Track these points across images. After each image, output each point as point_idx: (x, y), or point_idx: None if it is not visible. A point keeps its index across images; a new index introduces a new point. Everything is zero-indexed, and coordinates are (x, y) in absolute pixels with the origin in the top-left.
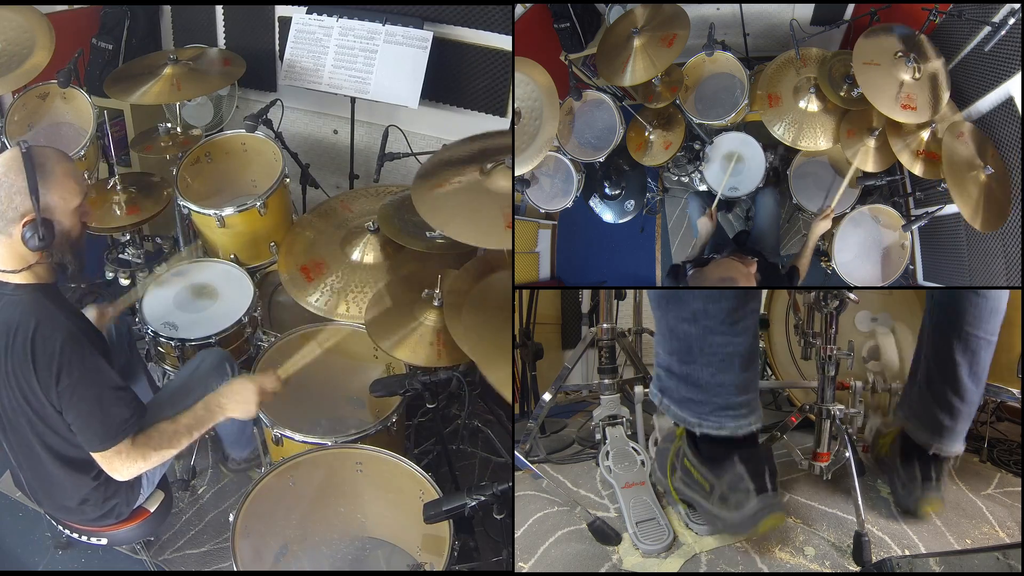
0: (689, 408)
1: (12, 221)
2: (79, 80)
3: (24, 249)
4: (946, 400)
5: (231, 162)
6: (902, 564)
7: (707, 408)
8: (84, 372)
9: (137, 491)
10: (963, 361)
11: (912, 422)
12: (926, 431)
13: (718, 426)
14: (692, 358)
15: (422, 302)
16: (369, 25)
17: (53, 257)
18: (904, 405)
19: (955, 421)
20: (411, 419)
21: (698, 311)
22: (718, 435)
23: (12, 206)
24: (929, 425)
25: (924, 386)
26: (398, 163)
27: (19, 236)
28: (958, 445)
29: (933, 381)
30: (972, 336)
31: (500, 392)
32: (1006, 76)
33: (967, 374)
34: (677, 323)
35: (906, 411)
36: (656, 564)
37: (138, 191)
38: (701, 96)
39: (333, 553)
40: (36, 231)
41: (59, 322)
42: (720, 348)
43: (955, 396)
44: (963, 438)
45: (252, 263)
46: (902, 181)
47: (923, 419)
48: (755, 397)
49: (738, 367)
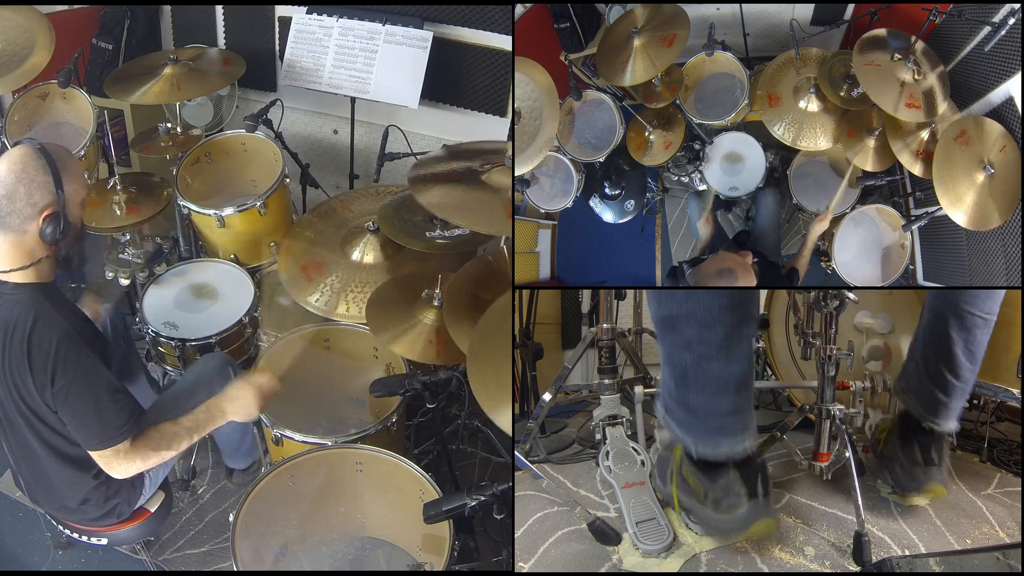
0: (686, 430)
1: (30, 217)
2: (79, 80)
3: (35, 244)
4: (941, 376)
5: (231, 162)
6: (902, 564)
7: (702, 431)
8: (79, 373)
9: (139, 491)
10: (958, 338)
11: (909, 397)
12: (921, 406)
13: (714, 449)
14: (687, 384)
15: (422, 302)
16: (369, 25)
17: (61, 251)
18: (902, 380)
19: (950, 397)
20: (411, 419)
21: (693, 339)
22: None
23: (31, 202)
24: (925, 400)
25: (921, 362)
26: (398, 163)
27: (35, 231)
28: (952, 422)
29: (929, 357)
30: (968, 314)
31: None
32: (1006, 76)
33: (962, 351)
34: (673, 350)
35: (903, 386)
36: (656, 564)
37: (138, 191)
38: (701, 96)
39: (333, 553)
40: (56, 224)
41: (56, 321)
42: (714, 376)
43: (949, 372)
44: (957, 415)
45: (252, 263)
46: (902, 181)
47: (919, 394)
48: (749, 417)
49: (732, 392)
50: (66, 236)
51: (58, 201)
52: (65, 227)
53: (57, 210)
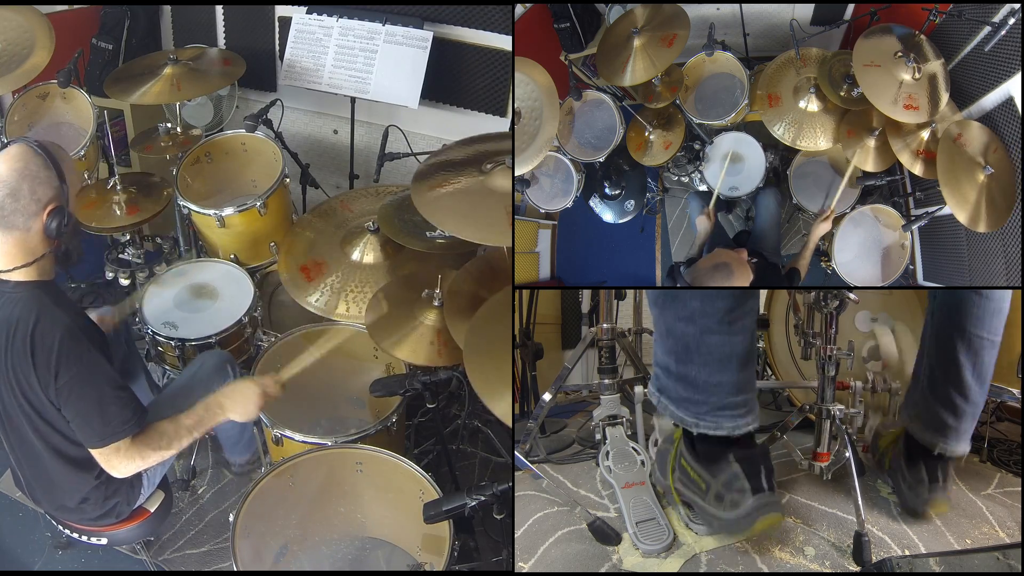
0: (686, 408)
1: (34, 214)
2: (79, 80)
3: (37, 241)
4: (950, 401)
5: (231, 162)
6: (902, 564)
7: (704, 408)
8: (83, 368)
9: (138, 490)
10: (967, 362)
11: (916, 423)
12: (930, 432)
13: (715, 426)
14: (689, 358)
15: (422, 302)
16: (369, 25)
17: (61, 246)
18: (908, 406)
19: (959, 421)
20: (411, 419)
21: (695, 310)
22: (715, 435)
23: (35, 198)
24: (933, 426)
25: (927, 387)
26: (398, 163)
27: (39, 227)
28: (963, 445)
29: (936, 382)
30: (975, 336)
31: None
32: (1006, 76)
33: (971, 374)
34: (674, 322)
35: (910, 412)
36: (656, 564)
37: (138, 191)
38: (701, 96)
39: (333, 553)
40: (61, 218)
41: (58, 318)
42: (717, 348)
43: (959, 396)
44: (968, 438)
45: (252, 263)
46: (902, 181)
47: (927, 420)
48: (752, 397)
49: (735, 367)
50: (68, 229)
51: (62, 195)
52: (68, 220)
53: (61, 203)
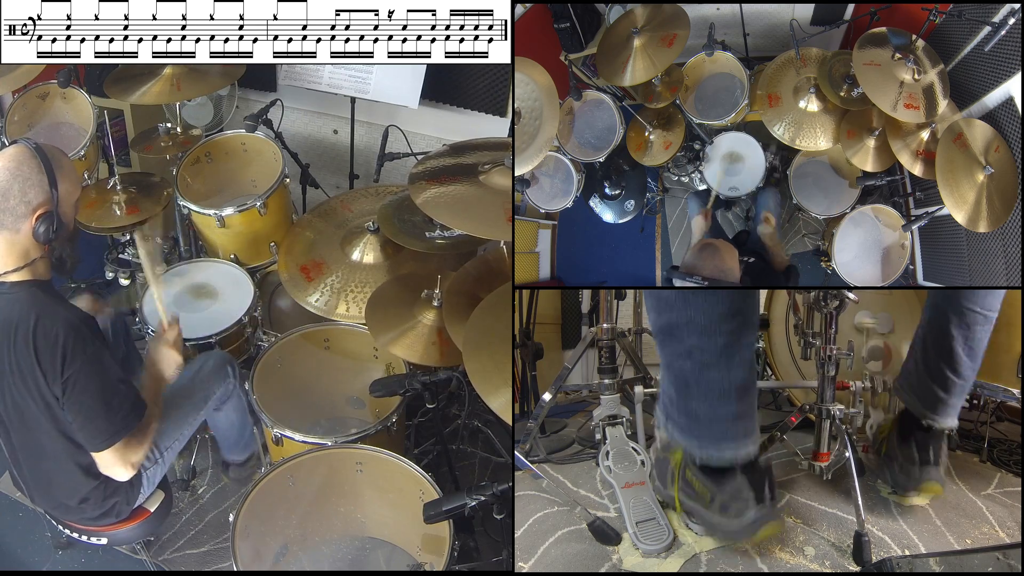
0: (688, 437)
1: (23, 216)
2: (79, 80)
3: (29, 244)
4: (941, 373)
5: (231, 162)
6: (902, 564)
7: (706, 437)
8: (87, 360)
9: (137, 490)
10: (958, 335)
11: (908, 394)
12: (921, 403)
13: (718, 455)
14: (689, 392)
15: (422, 302)
16: None
17: (54, 251)
18: (902, 378)
19: (949, 394)
20: (411, 419)
21: (693, 347)
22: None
23: (25, 200)
24: (924, 397)
25: (921, 359)
26: (398, 163)
27: (28, 230)
28: (951, 419)
29: (929, 354)
30: (968, 310)
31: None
32: (1006, 76)
33: (962, 348)
34: (673, 359)
35: (903, 383)
36: (656, 564)
37: (138, 191)
38: (701, 96)
39: (333, 553)
40: (50, 223)
41: (59, 314)
42: (716, 383)
43: (950, 369)
44: (956, 412)
45: (252, 263)
46: (902, 181)
47: (919, 392)
48: (753, 423)
49: (734, 399)
50: (59, 236)
51: (52, 200)
52: (58, 227)
53: (51, 209)
